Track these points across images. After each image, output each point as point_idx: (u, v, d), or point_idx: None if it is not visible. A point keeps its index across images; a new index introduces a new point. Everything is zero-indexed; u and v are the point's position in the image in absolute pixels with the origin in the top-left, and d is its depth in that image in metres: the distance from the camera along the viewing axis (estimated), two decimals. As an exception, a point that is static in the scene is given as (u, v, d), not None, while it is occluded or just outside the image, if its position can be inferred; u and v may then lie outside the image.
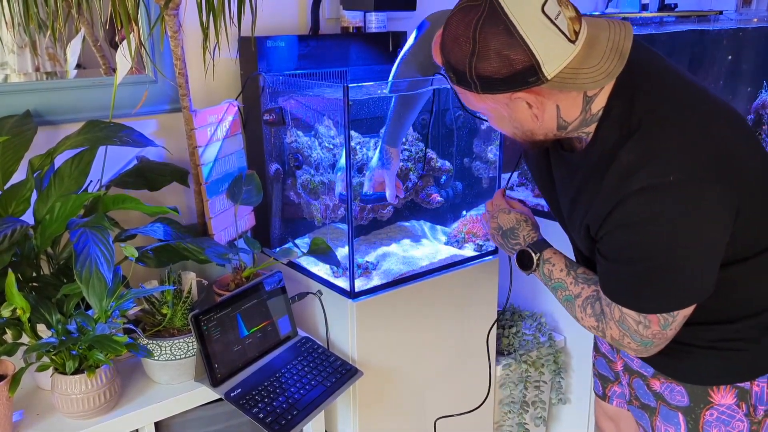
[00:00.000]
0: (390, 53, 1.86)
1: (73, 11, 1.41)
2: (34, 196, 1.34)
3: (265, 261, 1.73)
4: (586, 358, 2.03)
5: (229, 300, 1.44)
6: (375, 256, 1.75)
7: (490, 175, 1.85)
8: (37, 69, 1.53)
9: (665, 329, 1.06)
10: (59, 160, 1.40)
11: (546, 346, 2.03)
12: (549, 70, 0.95)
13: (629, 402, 1.36)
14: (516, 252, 1.30)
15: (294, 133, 1.70)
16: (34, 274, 1.35)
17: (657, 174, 0.98)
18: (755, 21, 2.32)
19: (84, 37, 1.53)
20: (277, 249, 1.80)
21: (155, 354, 1.36)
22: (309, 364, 1.51)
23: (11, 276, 1.19)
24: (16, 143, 1.37)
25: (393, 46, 1.87)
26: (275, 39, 1.67)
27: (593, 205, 1.06)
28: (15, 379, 1.21)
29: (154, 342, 1.35)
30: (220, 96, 1.72)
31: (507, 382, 1.96)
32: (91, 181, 1.44)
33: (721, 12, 2.16)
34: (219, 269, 1.65)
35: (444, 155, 1.87)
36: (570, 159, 1.13)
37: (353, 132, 1.74)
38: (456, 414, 1.74)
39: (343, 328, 1.59)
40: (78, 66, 1.56)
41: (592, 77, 0.97)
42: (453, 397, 1.81)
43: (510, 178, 1.55)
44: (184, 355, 1.38)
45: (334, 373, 1.49)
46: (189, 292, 1.45)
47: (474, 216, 1.86)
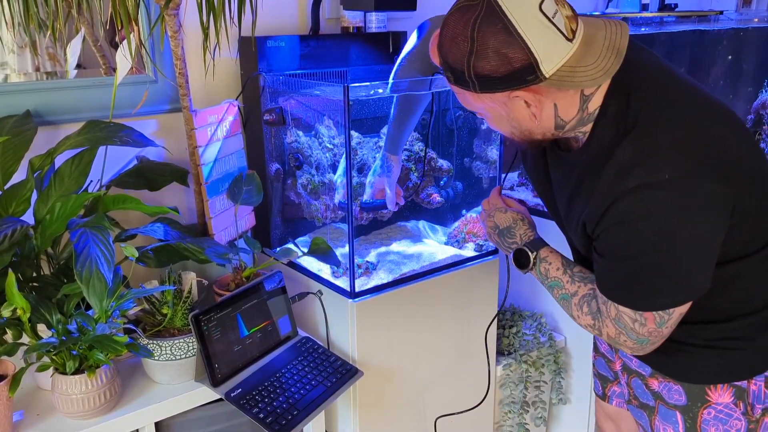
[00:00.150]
0: (390, 53, 1.86)
1: (73, 11, 1.41)
2: (34, 196, 1.34)
3: (266, 261, 1.73)
4: (586, 358, 2.03)
5: (230, 300, 1.44)
6: (375, 256, 1.75)
7: (490, 175, 1.85)
8: (37, 69, 1.53)
9: (661, 327, 1.07)
10: (59, 160, 1.40)
11: (546, 346, 2.03)
12: (547, 68, 0.95)
13: (628, 401, 1.36)
14: (513, 251, 1.31)
15: (294, 133, 1.70)
16: (34, 274, 1.35)
17: (652, 172, 0.98)
18: (756, 21, 2.33)
19: (84, 37, 1.53)
20: (278, 249, 1.80)
21: (155, 354, 1.36)
22: (309, 364, 1.50)
23: (11, 276, 1.19)
24: (16, 143, 1.37)
25: (393, 46, 1.87)
26: (275, 39, 1.67)
27: (590, 203, 1.06)
28: (15, 379, 1.21)
29: (154, 342, 1.35)
30: (220, 96, 1.72)
31: (507, 382, 1.96)
32: (92, 181, 1.44)
33: (722, 12, 2.16)
34: (219, 269, 1.65)
35: (444, 155, 1.87)
36: (567, 158, 1.14)
37: (353, 132, 1.74)
38: (456, 413, 1.74)
39: (344, 328, 1.59)
40: (78, 66, 1.56)
41: (589, 75, 0.97)
42: (453, 397, 1.81)
43: (505, 176, 1.55)
44: (184, 355, 1.38)
45: (334, 373, 1.49)
46: (189, 292, 1.45)
47: (474, 216, 1.86)
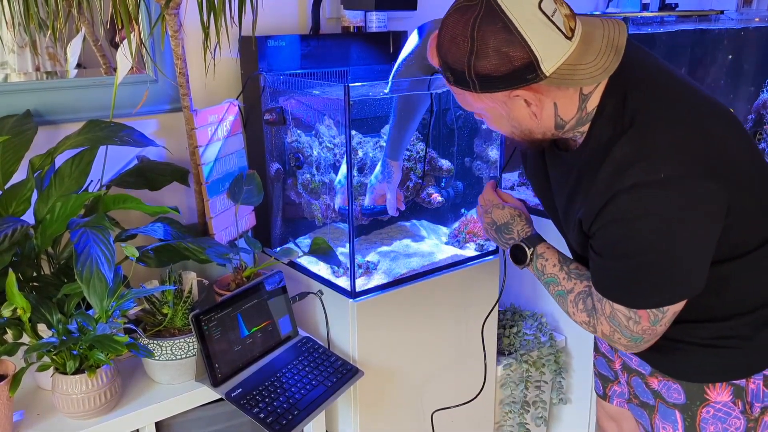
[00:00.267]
0: (391, 53, 1.86)
1: (74, 10, 1.41)
2: (34, 195, 1.34)
3: (266, 261, 1.73)
4: (586, 358, 2.03)
5: (230, 300, 1.44)
6: (376, 255, 1.75)
7: (490, 175, 1.84)
8: (38, 68, 1.53)
9: (655, 325, 1.07)
10: (60, 159, 1.40)
11: (547, 346, 2.02)
12: (547, 66, 0.96)
13: (629, 400, 1.36)
14: (510, 246, 1.31)
15: (295, 133, 1.70)
16: (34, 273, 1.35)
17: (649, 171, 0.99)
18: (756, 20, 2.32)
19: (84, 37, 1.53)
20: (278, 249, 1.80)
21: (156, 354, 1.36)
22: (310, 364, 1.50)
23: (12, 276, 1.19)
24: (16, 143, 1.37)
25: (394, 45, 1.87)
26: (276, 38, 1.67)
27: (587, 201, 1.07)
28: (15, 379, 1.21)
29: (154, 342, 1.35)
30: (220, 96, 1.72)
31: (508, 382, 1.96)
32: (92, 181, 1.44)
33: (722, 11, 2.16)
34: (219, 269, 1.65)
35: (445, 155, 1.87)
36: (565, 158, 1.14)
37: (354, 131, 1.74)
38: (452, 406, 1.73)
39: (344, 327, 1.59)
40: (78, 65, 1.56)
41: (589, 73, 0.98)
42: (454, 397, 1.81)
43: (501, 172, 1.55)
44: (184, 355, 1.38)
45: (334, 373, 1.49)
46: (189, 291, 1.45)
47: (475, 216, 1.85)
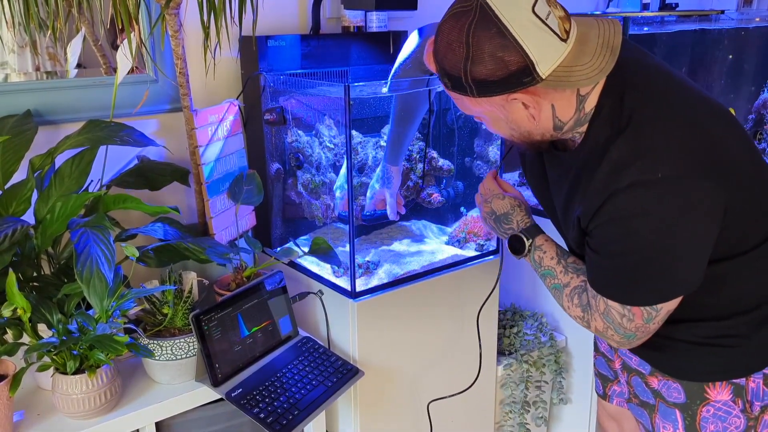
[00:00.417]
0: (391, 53, 1.86)
1: (74, 10, 1.41)
2: (34, 195, 1.34)
3: (266, 261, 1.73)
4: (587, 358, 2.02)
5: (230, 300, 1.44)
6: (376, 255, 1.75)
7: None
8: (38, 68, 1.53)
9: (648, 323, 1.08)
10: (60, 159, 1.40)
11: (547, 346, 2.02)
12: (543, 69, 0.97)
13: (629, 400, 1.36)
14: (508, 236, 1.31)
15: (295, 133, 1.70)
16: (34, 273, 1.35)
17: (646, 170, 0.99)
18: (757, 20, 2.32)
19: (84, 37, 1.53)
20: (278, 249, 1.80)
21: (156, 354, 1.36)
22: (310, 364, 1.50)
23: (12, 276, 1.18)
24: (16, 143, 1.37)
25: (394, 45, 1.87)
26: (276, 38, 1.67)
27: (585, 200, 1.07)
28: (16, 379, 1.21)
29: (154, 342, 1.35)
30: (220, 95, 1.72)
31: (508, 382, 1.96)
32: (92, 181, 1.44)
33: (723, 11, 2.16)
34: (220, 269, 1.65)
35: (445, 155, 1.87)
36: (563, 158, 1.15)
37: (354, 131, 1.74)
38: (447, 396, 1.72)
39: (344, 328, 1.59)
40: (78, 65, 1.56)
41: (585, 74, 0.98)
42: (455, 397, 1.81)
43: (502, 161, 1.54)
44: (184, 355, 1.38)
45: (335, 373, 1.49)
46: (190, 291, 1.45)
47: (475, 216, 1.85)
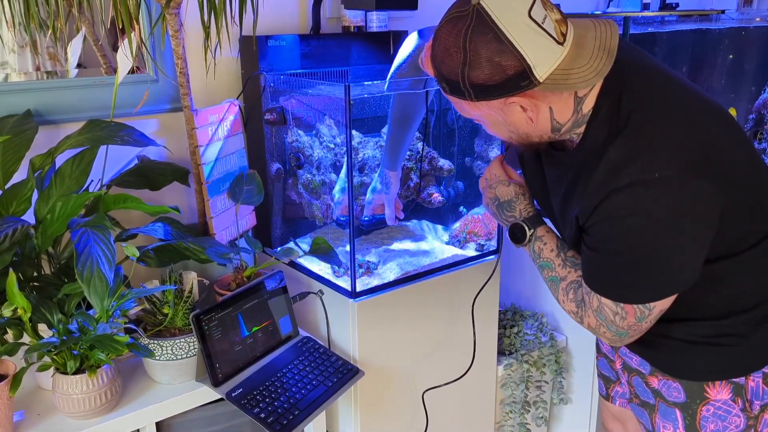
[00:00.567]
0: (391, 53, 1.86)
1: (74, 10, 1.41)
2: (35, 195, 1.34)
3: (267, 261, 1.73)
4: (587, 358, 2.02)
5: (231, 300, 1.44)
6: (376, 255, 1.75)
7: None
8: (38, 68, 1.53)
9: (640, 321, 1.09)
10: (60, 159, 1.40)
11: (547, 346, 2.02)
12: (540, 73, 0.97)
13: (630, 400, 1.37)
14: (509, 224, 1.31)
15: (295, 133, 1.70)
16: (35, 273, 1.35)
17: (643, 170, 1.00)
18: (758, 20, 2.33)
19: (85, 37, 1.53)
20: (279, 249, 1.80)
21: (156, 354, 1.36)
22: (310, 363, 1.50)
23: (12, 275, 1.18)
24: (17, 143, 1.37)
25: (394, 45, 1.87)
26: (276, 38, 1.67)
27: (583, 200, 1.08)
28: (16, 379, 1.21)
29: (155, 342, 1.35)
30: (221, 95, 1.72)
31: (508, 382, 1.96)
32: (92, 181, 1.44)
33: (723, 11, 2.16)
34: (220, 269, 1.65)
35: (445, 155, 1.87)
36: (562, 158, 1.15)
37: (354, 131, 1.74)
38: (441, 384, 1.71)
39: (345, 327, 1.59)
40: (79, 65, 1.56)
41: (582, 76, 0.99)
42: (456, 397, 1.81)
43: (508, 148, 1.52)
44: (185, 355, 1.38)
45: (335, 373, 1.49)
46: (190, 291, 1.45)
47: (476, 216, 1.85)
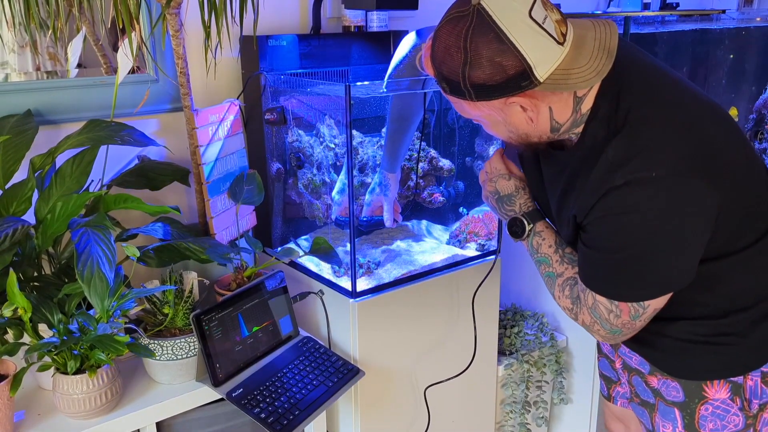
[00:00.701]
0: (391, 53, 1.86)
1: (74, 10, 1.41)
2: (35, 195, 1.34)
3: (267, 261, 1.73)
4: (588, 358, 2.03)
5: (231, 300, 1.44)
6: (377, 255, 1.75)
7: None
8: (38, 68, 1.52)
9: (635, 320, 1.09)
10: (60, 159, 1.40)
11: (548, 346, 2.02)
12: (541, 73, 0.97)
13: (630, 400, 1.37)
14: (508, 218, 1.31)
15: (295, 133, 1.70)
16: (35, 273, 1.35)
17: (640, 169, 1.00)
18: (758, 20, 2.32)
19: (85, 37, 1.53)
20: (279, 249, 1.80)
21: (156, 354, 1.36)
22: (310, 364, 1.50)
23: (12, 275, 1.18)
24: (17, 143, 1.36)
25: (394, 45, 1.87)
26: (277, 38, 1.67)
27: (580, 199, 1.08)
28: (16, 379, 1.21)
29: (155, 342, 1.35)
30: (221, 95, 1.72)
31: (509, 382, 1.96)
32: (93, 181, 1.44)
33: (724, 11, 2.16)
34: (220, 269, 1.65)
35: (446, 154, 1.87)
36: (559, 157, 1.16)
37: (354, 131, 1.74)
38: (443, 380, 1.72)
39: (345, 327, 1.59)
40: (79, 65, 1.56)
41: (582, 77, 0.99)
42: (456, 396, 1.81)
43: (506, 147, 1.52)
44: (185, 355, 1.38)
45: (335, 373, 1.49)
46: (190, 291, 1.45)
47: (476, 216, 1.85)
